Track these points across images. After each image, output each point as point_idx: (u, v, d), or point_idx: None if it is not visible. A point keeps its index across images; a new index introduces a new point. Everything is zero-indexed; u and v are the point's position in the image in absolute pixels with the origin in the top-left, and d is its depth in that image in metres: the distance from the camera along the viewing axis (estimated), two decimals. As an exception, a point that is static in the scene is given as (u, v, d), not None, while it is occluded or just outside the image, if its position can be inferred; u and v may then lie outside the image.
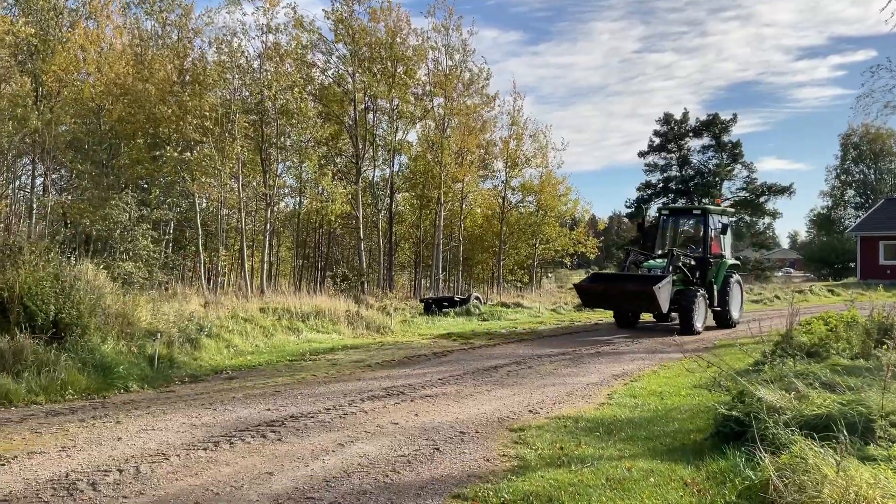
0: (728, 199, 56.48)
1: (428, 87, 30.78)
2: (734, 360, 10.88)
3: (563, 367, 12.20)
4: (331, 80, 29.85)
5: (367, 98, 30.01)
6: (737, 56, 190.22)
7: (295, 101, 25.28)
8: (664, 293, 16.51)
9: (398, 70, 28.81)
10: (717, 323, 18.98)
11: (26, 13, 27.36)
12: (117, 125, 25.98)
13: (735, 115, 59.07)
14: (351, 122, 29.74)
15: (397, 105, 30.38)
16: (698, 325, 17.30)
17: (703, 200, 57.47)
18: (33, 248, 12.18)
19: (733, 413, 6.66)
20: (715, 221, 19.47)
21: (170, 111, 23.71)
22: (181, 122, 23.80)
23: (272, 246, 32.04)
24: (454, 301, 22.63)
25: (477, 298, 23.74)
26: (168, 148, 23.75)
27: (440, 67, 30.68)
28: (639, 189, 59.32)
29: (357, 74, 28.74)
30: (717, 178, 56.66)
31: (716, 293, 18.50)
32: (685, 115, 58.43)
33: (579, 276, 40.72)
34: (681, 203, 53.17)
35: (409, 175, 33.76)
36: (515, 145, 34.33)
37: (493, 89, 41.15)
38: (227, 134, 24.09)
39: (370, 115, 30.95)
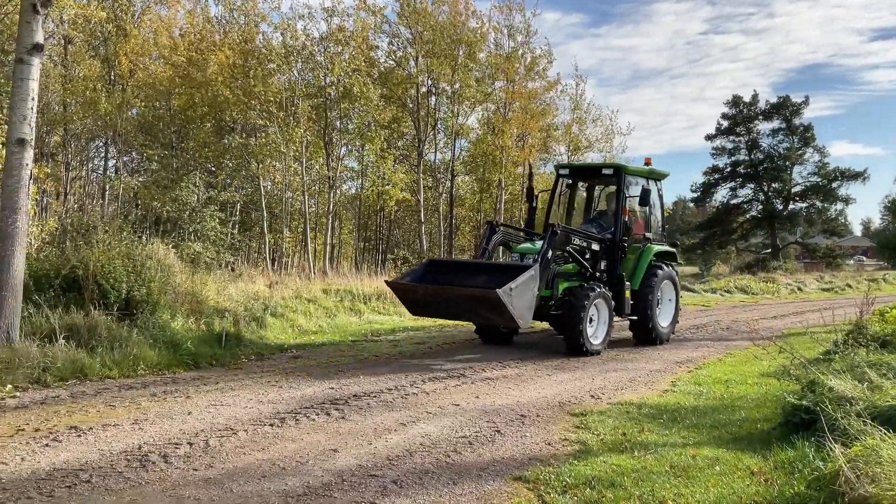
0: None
1: (489, 70, 30.60)
2: (804, 349, 10.58)
3: (624, 353, 12.07)
4: (394, 62, 29.93)
5: (429, 81, 30.02)
6: (806, 38, 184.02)
7: (358, 85, 25.42)
8: (520, 299, 10.17)
9: (460, 52, 28.71)
10: (634, 336, 13.38)
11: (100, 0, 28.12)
12: (186, 109, 26.56)
13: (807, 98, 57.18)
14: (413, 105, 29.81)
15: (459, 88, 30.29)
16: (595, 340, 11.60)
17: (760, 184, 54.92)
18: (107, 228, 12.60)
19: (803, 402, 6.49)
20: (633, 186, 13.23)
21: (234, 96, 24.13)
22: (246, 107, 24.23)
23: (334, 228, 32.43)
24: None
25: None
26: (233, 135, 24.23)
27: (502, 50, 30.44)
28: (705, 173, 57.83)
29: (420, 57, 28.75)
30: (787, 163, 54.85)
31: (627, 293, 12.57)
32: (754, 97, 56.71)
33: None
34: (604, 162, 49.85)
35: (470, 158, 33.68)
36: (578, 129, 33.89)
37: (554, 72, 40.59)
38: (290, 118, 24.41)
39: (432, 99, 30.94)
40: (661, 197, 14.21)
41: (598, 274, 12.42)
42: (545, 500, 4.92)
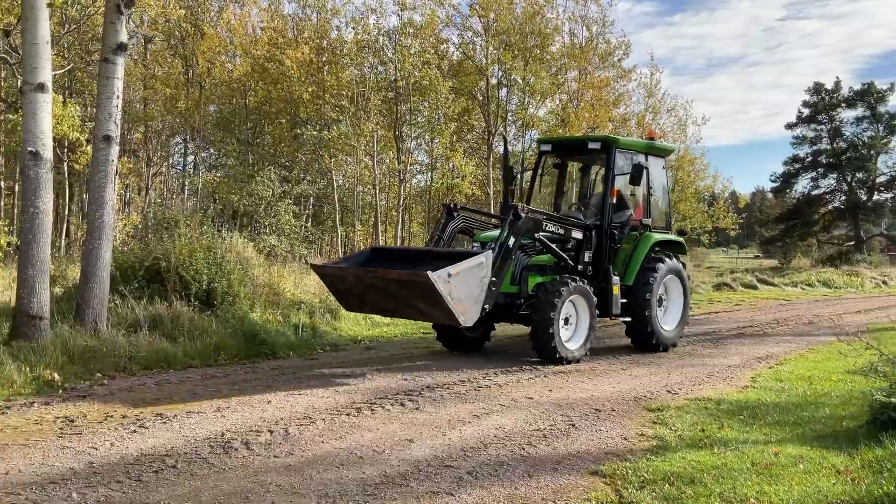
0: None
1: (563, 61, 30.29)
2: (892, 345, 10.16)
3: (702, 348, 11.81)
4: (464, 55, 29.92)
5: (499, 72, 29.90)
6: (891, 22, 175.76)
7: (428, 78, 25.51)
8: (462, 289, 8.33)
9: (533, 44, 28.51)
10: (632, 341, 11.32)
11: (179, -1, 28.95)
12: (261, 105, 27.15)
13: (892, 85, 54.46)
14: (483, 98, 29.75)
15: (531, 80, 30.09)
16: (571, 345, 9.84)
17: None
18: (188, 222, 12.98)
19: (892, 400, 6.23)
20: (624, 163, 11.09)
21: (307, 93, 24.55)
22: (319, 102, 24.61)
23: (404, 221, 32.69)
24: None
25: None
26: (307, 127, 24.64)
27: (576, 40, 30.11)
28: (785, 163, 55.92)
29: (490, 49, 28.67)
30: (871, 152, 52.58)
31: (616, 290, 10.60)
32: (837, 84, 54.49)
33: (717, 254, 38.98)
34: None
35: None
36: (651, 120, 33.27)
37: (628, 62, 39.98)
38: (361, 112, 24.68)
39: (502, 91, 30.82)
40: (666, 176, 12.23)
41: (580, 267, 10.48)
42: (623, 495, 4.86)
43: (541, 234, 9.99)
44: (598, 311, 10.27)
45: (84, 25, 23.59)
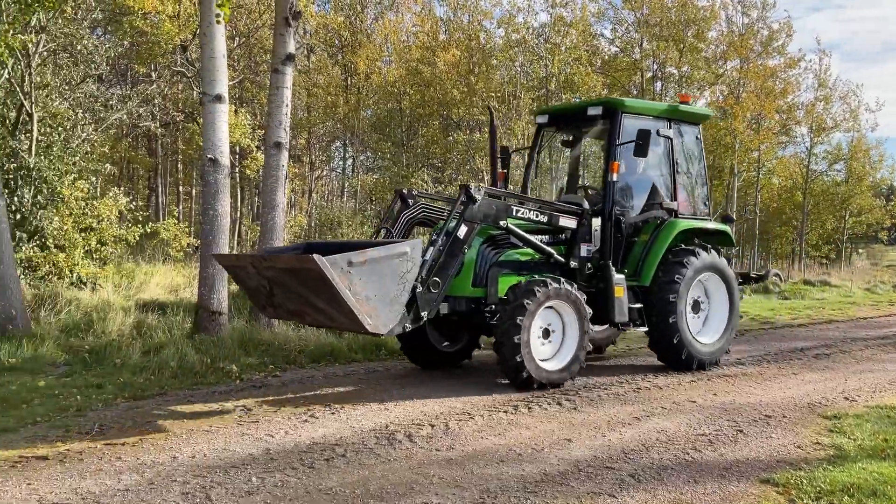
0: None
1: (720, 49, 29.03)
2: None
3: (882, 353, 10.95)
4: (617, 49, 29.35)
5: (654, 65, 29.09)
6: None
7: (579, 74, 25.23)
8: (370, 285, 6.54)
9: (688, 34, 27.51)
10: (659, 355, 9.19)
11: (337, 8, 30.30)
12: (415, 108, 27.88)
13: None
14: (637, 92, 29.04)
15: (687, 71, 29.06)
16: (550, 365, 7.81)
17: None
18: (349, 222, 13.56)
19: None
20: (631, 130, 8.69)
21: (459, 94, 24.94)
22: (470, 104, 24.94)
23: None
24: (749, 277, 21.20)
25: (776, 275, 22.14)
26: (458, 132, 25.05)
27: (734, 27, 28.77)
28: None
29: (644, 41, 27.95)
30: None
31: (619, 291, 8.48)
32: None
33: (897, 251, 36.01)
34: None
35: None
36: (822, 108, 31.19)
37: (793, 48, 37.73)
38: (512, 112, 24.76)
39: (657, 84, 29.95)
40: (701, 148, 9.85)
41: (574, 264, 8.46)
42: (798, 505, 4.60)
43: (510, 221, 7.95)
44: (589, 323, 8.01)
45: (252, 38, 25.17)
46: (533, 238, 8.25)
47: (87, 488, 4.72)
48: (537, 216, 8.24)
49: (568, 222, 8.50)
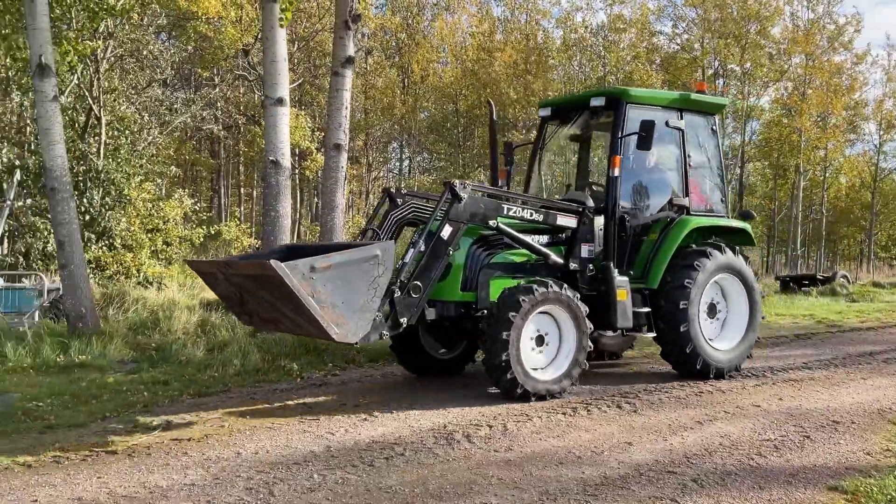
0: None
1: (784, 45, 28.32)
2: None
3: (958, 358, 10.52)
4: (677, 46, 28.88)
5: (716, 62, 28.53)
6: None
7: (638, 72, 24.94)
8: (335, 290, 6.08)
9: (751, 29, 26.91)
10: (672, 365, 8.59)
11: (395, 11, 30.55)
12: (471, 109, 27.93)
13: None
14: (698, 90, 28.56)
15: (749, 68, 28.43)
16: (544, 375, 7.29)
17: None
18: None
19: None
20: (637, 122, 8.02)
21: (516, 94, 24.90)
22: (527, 103, 24.86)
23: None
24: (816, 279, 20.69)
25: (844, 277, 21.47)
26: (514, 132, 24.98)
27: (799, 22, 28.03)
28: None
29: (706, 39, 27.44)
30: None
31: (622, 294, 7.88)
32: None
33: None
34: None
35: (761, 143, 31.45)
36: (892, 104, 30.17)
37: (862, 42, 36.53)
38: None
39: (719, 81, 29.37)
40: (718, 141, 9.20)
41: (573, 265, 7.90)
42: (869, 515, 4.46)
43: (500, 220, 7.43)
44: (589, 327, 7.41)
45: (312, 42, 25.54)
46: (527, 238, 7.69)
47: (154, 482, 4.85)
48: (531, 215, 7.69)
49: (567, 221, 7.95)
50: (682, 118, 8.64)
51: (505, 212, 7.47)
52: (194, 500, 4.54)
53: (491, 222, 7.32)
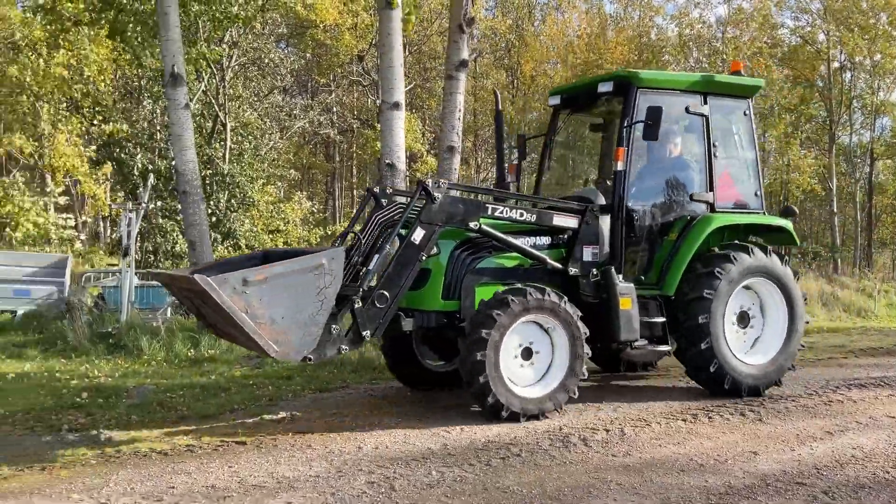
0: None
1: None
2: None
3: None
4: (799, 39, 27.60)
5: (842, 55, 27.08)
6: None
7: (759, 67, 23.98)
8: (272, 305, 5.53)
9: (882, 20, 25.39)
10: (698, 382, 7.68)
11: (504, 12, 30.61)
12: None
13: None
14: (823, 84, 27.16)
15: (879, 60, 26.81)
16: (532, 392, 6.52)
17: None
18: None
19: None
20: (643, 106, 7.19)
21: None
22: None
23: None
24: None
25: None
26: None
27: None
28: None
29: (831, 30, 26.09)
30: None
31: (626, 303, 6.96)
32: None
33: None
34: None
35: (893, 139, 29.62)
36: None
37: None
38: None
39: (846, 75, 27.85)
40: (750, 127, 8.07)
41: (574, 270, 7.08)
42: None
43: (484, 221, 6.75)
44: (584, 333, 6.62)
45: (423, 47, 25.94)
46: (520, 240, 6.95)
47: (281, 473, 5.07)
48: (521, 215, 6.96)
49: (566, 221, 7.13)
50: (705, 103, 7.67)
51: (489, 212, 6.78)
52: (319, 491, 4.71)
53: (472, 224, 6.64)
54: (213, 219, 14.83)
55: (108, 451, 5.61)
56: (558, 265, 7.05)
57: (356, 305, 6.09)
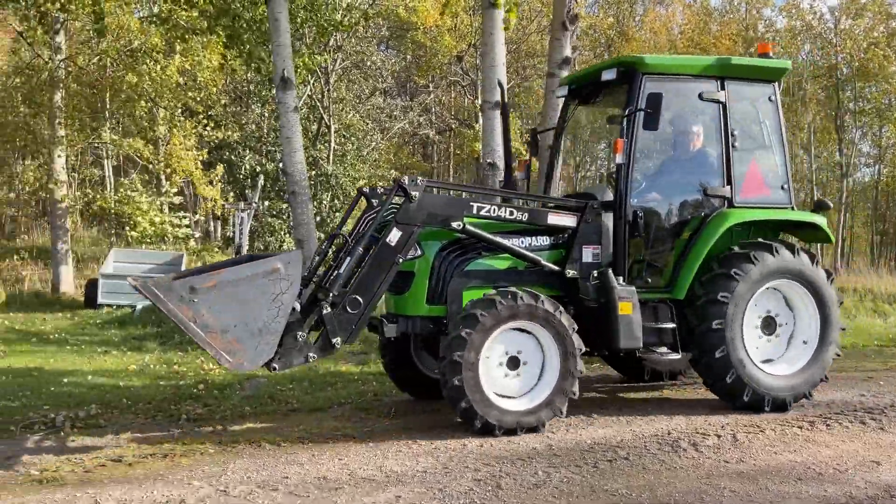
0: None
1: None
2: None
3: None
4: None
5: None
6: None
7: (876, 59, 22.75)
8: (220, 309, 5.26)
9: None
10: (716, 394, 6.95)
11: (604, 7, 30.14)
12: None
13: None
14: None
15: None
16: (516, 405, 6.03)
17: None
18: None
19: None
20: (646, 94, 6.55)
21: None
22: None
23: (844, 220, 29.53)
24: None
25: None
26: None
27: None
28: None
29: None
30: None
31: (625, 308, 6.34)
32: None
33: None
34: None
35: None
36: None
37: None
38: (797, 102, 22.97)
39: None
40: (776, 113, 7.22)
41: (571, 273, 6.55)
42: None
43: (468, 221, 6.29)
44: (579, 348, 6.10)
45: (522, 45, 25.85)
46: (508, 241, 6.45)
47: (389, 467, 5.17)
48: (512, 214, 6.46)
49: (563, 220, 6.61)
50: (722, 88, 6.93)
51: (474, 211, 6.30)
52: (427, 486, 4.78)
53: (455, 224, 6.19)
54: (318, 218, 15.24)
55: (225, 441, 5.87)
56: (555, 267, 6.57)
57: (325, 311, 5.82)
